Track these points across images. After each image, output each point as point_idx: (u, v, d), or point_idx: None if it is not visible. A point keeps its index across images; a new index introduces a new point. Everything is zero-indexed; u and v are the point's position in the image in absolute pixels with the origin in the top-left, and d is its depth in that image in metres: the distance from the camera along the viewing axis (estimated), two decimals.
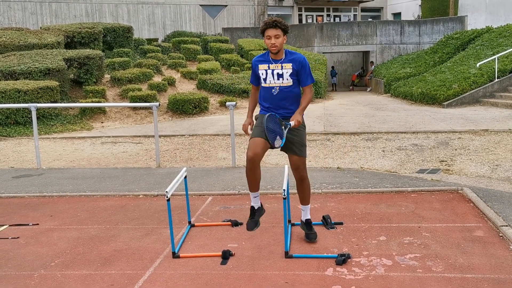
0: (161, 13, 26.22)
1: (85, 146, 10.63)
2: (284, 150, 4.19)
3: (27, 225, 5.12)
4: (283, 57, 4.12)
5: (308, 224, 4.42)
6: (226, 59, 20.34)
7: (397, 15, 34.07)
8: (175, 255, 4.13)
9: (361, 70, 27.16)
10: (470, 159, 8.15)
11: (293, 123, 4.01)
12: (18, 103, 12.08)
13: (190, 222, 4.92)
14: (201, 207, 5.54)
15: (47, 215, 5.46)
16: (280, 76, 4.10)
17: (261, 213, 4.32)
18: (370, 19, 32.14)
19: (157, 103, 8.02)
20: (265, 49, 21.83)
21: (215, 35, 25.55)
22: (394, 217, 4.96)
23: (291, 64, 4.09)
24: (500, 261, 3.84)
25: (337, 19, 31.72)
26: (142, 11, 25.82)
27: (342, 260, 3.88)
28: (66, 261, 4.15)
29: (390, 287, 3.48)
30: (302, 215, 4.46)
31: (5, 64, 14.13)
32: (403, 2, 33.29)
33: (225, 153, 9.22)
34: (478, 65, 16.59)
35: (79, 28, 18.33)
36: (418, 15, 31.61)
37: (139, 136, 11.73)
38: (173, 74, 18.31)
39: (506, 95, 15.08)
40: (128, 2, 25.41)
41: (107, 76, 16.75)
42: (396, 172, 7.38)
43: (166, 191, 4.01)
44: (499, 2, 26.64)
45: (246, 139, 10.71)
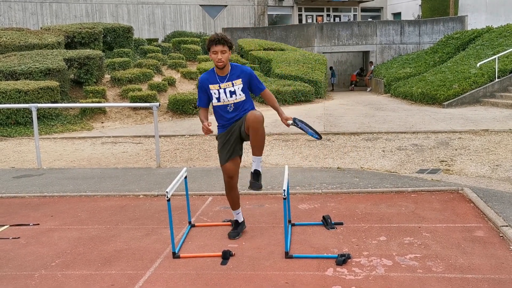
0: (161, 13, 26.22)
1: (85, 146, 10.64)
2: (241, 126, 4.25)
3: (28, 225, 5.13)
4: (229, 71, 4.25)
5: (256, 174, 4.39)
6: None
7: (397, 15, 34.07)
8: (175, 255, 4.13)
9: (359, 70, 27.16)
10: (471, 159, 8.15)
11: (290, 121, 4.42)
12: (18, 103, 12.09)
13: (190, 222, 4.92)
14: (201, 207, 5.55)
15: (48, 215, 5.46)
16: (233, 93, 4.24)
17: (243, 226, 4.69)
18: (370, 19, 32.14)
19: (157, 103, 8.02)
20: (265, 49, 21.85)
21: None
22: (394, 217, 4.97)
23: (241, 79, 4.24)
24: (500, 261, 3.84)
25: (337, 19, 31.72)
26: (142, 11, 25.83)
27: (342, 260, 3.88)
28: (66, 261, 4.16)
29: None
30: (253, 166, 4.40)
31: (5, 64, 14.14)
32: (403, 2, 33.29)
33: None
34: (478, 65, 16.60)
35: (79, 28, 18.34)
36: (418, 15, 31.61)
37: (139, 136, 11.74)
38: (173, 74, 18.32)
39: (506, 95, 15.08)
40: (128, 2, 25.42)
41: (107, 76, 16.76)
42: (396, 172, 7.38)
43: (167, 191, 4.01)
44: (499, 2, 26.64)
45: None
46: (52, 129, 12.66)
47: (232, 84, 4.23)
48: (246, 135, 4.24)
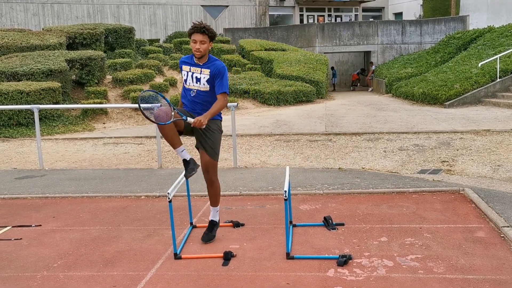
0: (162, 13, 26.24)
1: (87, 147, 10.66)
2: (198, 147, 4.34)
3: (30, 226, 5.15)
4: (205, 61, 4.26)
5: (210, 224, 4.51)
6: (228, 60, 20.35)
7: (398, 15, 34.05)
8: (177, 256, 4.14)
9: (359, 70, 27.15)
10: (472, 160, 8.15)
11: (191, 120, 4.07)
12: (20, 104, 12.11)
13: (192, 223, 4.94)
14: (202, 208, 5.56)
15: (50, 216, 5.48)
16: (198, 80, 4.25)
17: (195, 163, 4.36)
18: (371, 19, 32.12)
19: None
20: (266, 49, 21.86)
21: (217, 36, 25.56)
22: (396, 218, 4.97)
23: (209, 70, 4.22)
24: (501, 262, 3.84)
25: (338, 19, 31.71)
26: (143, 12, 25.85)
27: (343, 261, 3.89)
28: (68, 262, 4.17)
29: None
30: (210, 215, 4.54)
31: (7, 65, 14.17)
32: (405, 2, 33.26)
33: (226, 153, 9.23)
34: (479, 65, 16.57)
35: (81, 29, 18.37)
36: (420, 15, 31.59)
37: (141, 137, 11.75)
38: (174, 74, 18.33)
39: (508, 95, 15.06)
40: (129, 3, 25.44)
41: (109, 77, 16.78)
42: (397, 172, 7.38)
43: (168, 193, 4.02)
44: (501, 2, 26.60)
45: (248, 140, 10.73)
46: (54, 130, 12.68)
47: (200, 71, 4.24)
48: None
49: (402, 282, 3.57)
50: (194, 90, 4.28)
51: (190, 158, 4.37)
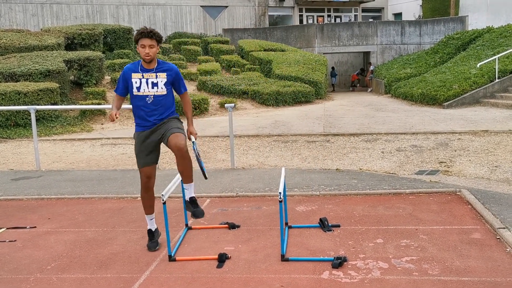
0: (161, 14, 26.23)
1: (84, 148, 10.64)
2: (164, 141, 4.25)
3: (25, 228, 5.13)
4: (155, 66, 4.21)
5: (192, 201, 4.36)
6: (227, 60, 20.35)
7: (397, 16, 34.05)
8: (171, 258, 4.13)
9: (359, 70, 27.16)
10: (470, 160, 8.13)
11: (193, 138, 4.39)
12: (18, 105, 12.10)
13: (187, 225, 4.92)
14: None
15: (45, 218, 5.46)
16: (154, 84, 4.19)
17: (158, 234, 4.56)
18: (370, 20, 32.12)
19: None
20: (265, 50, 21.85)
21: (216, 36, 25.57)
22: (392, 219, 4.95)
23: (166, 73, 4.21)
24: (497, 264, 3.82)
25: (337, 20, 31.70)
26: (142, 12, 25.84)
27: (338, 263, 3.87)
28: (62, 264, 4.15)
29: None
30: (186, 194, 4.38)
31: (5, 65, 14.15)
32: (404, 3, 33.26)
33: (224, 154, 9.21)
34: (478, 65, 16.56)
35: (80, 29, 18.36)
36: (419, 15, 31.58)
37: None
38: None
39: (506, 96, 15.05)
40: (129, 3, 25.44)
41: (107, 77, 16.77)
42: (395, 173, 7.36)
43: (162, 194, 4.01)
44: (501, 2, 26.59)
45: (246, 141, 10.71)
46: (51, 130, 12.66)
47: (156, 75, 4.19)
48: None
49: (397, 284, 3.55)
50: (151, 96, 4.18)
51: (156, 228, 4.56)
